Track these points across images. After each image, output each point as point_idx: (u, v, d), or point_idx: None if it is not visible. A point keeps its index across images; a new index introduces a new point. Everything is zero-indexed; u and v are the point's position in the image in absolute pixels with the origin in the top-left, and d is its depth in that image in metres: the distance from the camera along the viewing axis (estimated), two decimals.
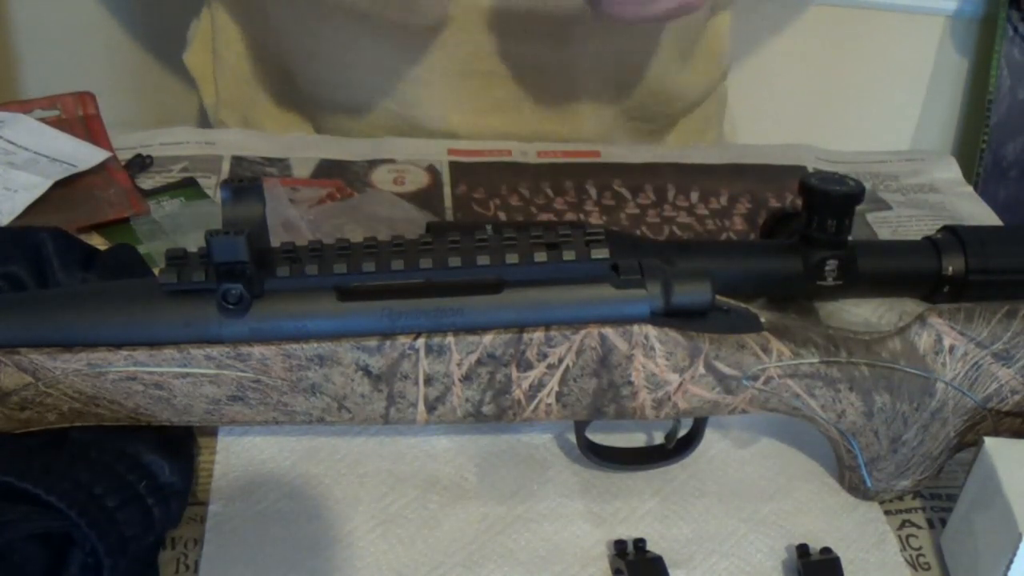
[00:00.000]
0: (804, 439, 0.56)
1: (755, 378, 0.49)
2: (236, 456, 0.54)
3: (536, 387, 0.48)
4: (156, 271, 0.49)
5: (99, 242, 0.66)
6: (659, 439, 0.55)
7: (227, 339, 0.46)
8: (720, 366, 0.49)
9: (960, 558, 0.50)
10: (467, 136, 0.84)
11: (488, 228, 0.51)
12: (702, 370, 0.49)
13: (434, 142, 0.82)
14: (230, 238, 0.44)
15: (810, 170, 0.80)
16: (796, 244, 0.63)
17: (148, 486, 0.47)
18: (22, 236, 0.56)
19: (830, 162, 0.83)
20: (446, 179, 0.78)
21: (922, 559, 0.52)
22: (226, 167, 0.76)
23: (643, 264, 0.48)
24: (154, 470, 0.48)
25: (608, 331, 0.48)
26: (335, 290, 0.47)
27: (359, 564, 0.49)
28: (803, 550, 0.50)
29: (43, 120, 0.75)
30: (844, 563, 0.50)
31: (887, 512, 0.54)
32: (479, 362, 0.47)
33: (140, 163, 0.75)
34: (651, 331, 0.48)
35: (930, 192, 0.81)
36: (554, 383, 0.48)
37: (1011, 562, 0.45)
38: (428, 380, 0.48)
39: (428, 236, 0.49)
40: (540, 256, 0.47)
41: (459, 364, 0.47)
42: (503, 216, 0.75)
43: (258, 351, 0.46)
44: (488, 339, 0.47)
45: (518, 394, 0.48)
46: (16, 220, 0.66)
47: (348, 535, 0.51)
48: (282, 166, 0.77)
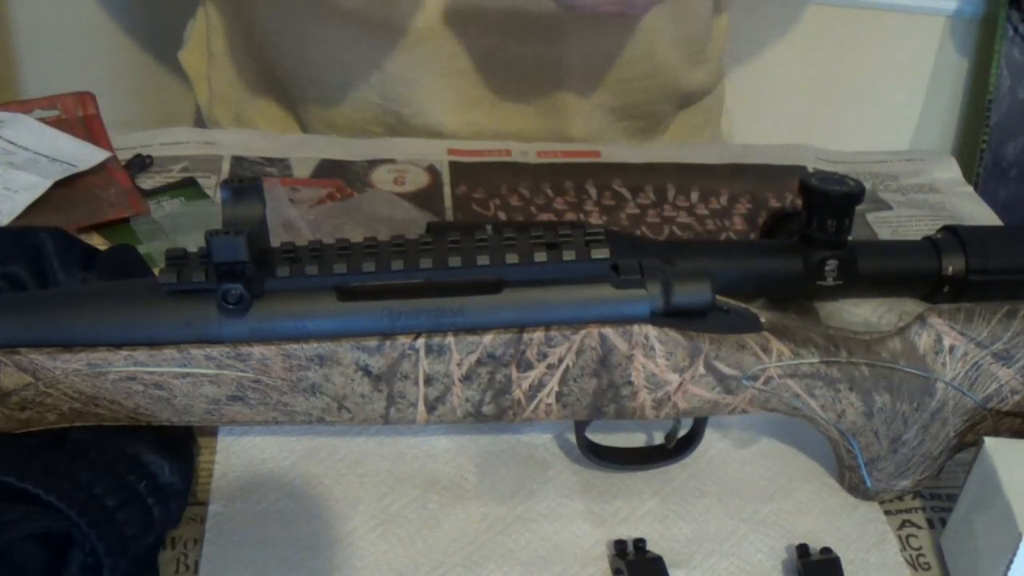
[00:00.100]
0: (804, 439, 0.56)
1: (755, 378, 0.49)
2: (236, 456, 0.54)
3: (536, 387, 0.48)
4: (156, 271, 0.49)
5: (99, 242, 0.66)
6: (659, 439, 0.55)
7: (227, 339, 0.46)
8: (720, 366, 0.49)
9: (960, 558, 0.50)
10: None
11: (488, 228, 0.51)
12: (702, 370, 0.49)
13: (434, 142, 0.82)
14: (230, 238, 0.44)
15: (810, 170, 0.80)
16: (796, 244, 0.63)
17: (148, 486, 0.47)
18: (22, 236, 0.56)
19: (830, 162, 0.83)
20: (446, 179, 0.78)
21: (922, 559, 0.52)
22: (226, 167, 0.76)
23: (643, 264, 0.48)
24: (154, 470, 0.48)
25: (608, 331, 0.48)
26: (335, 290, 0.47)
27: (359, 564, 0.49)
28: (803, 550, 0.50)
29: (43, 120, 0.75)
30: (844, 563, 0.50)
31: (887, 512, 0.54)
32: (479, 362, 0.47)
33: (140, 163, 0.75)
34: (651, 331, 0.48)
35: (930, 192, 0.81)
36: (554, 383, 0.48)
37: (1011, 562, 0.45)
38: (428, 380, 0.48)
39: (428, 236, 0.49)
40: (540, 256, 0.47)
41: (459, 364, 0.47)
42: (503, 216, 0.74)
43: (258, 351, 0.46)
44: (488, 339, 0.47)
45: (518, 394, 0.48)
46: (16, 220, 0.66)
47: (348, 535, 0.51)
48: (282, 166, 0.77)
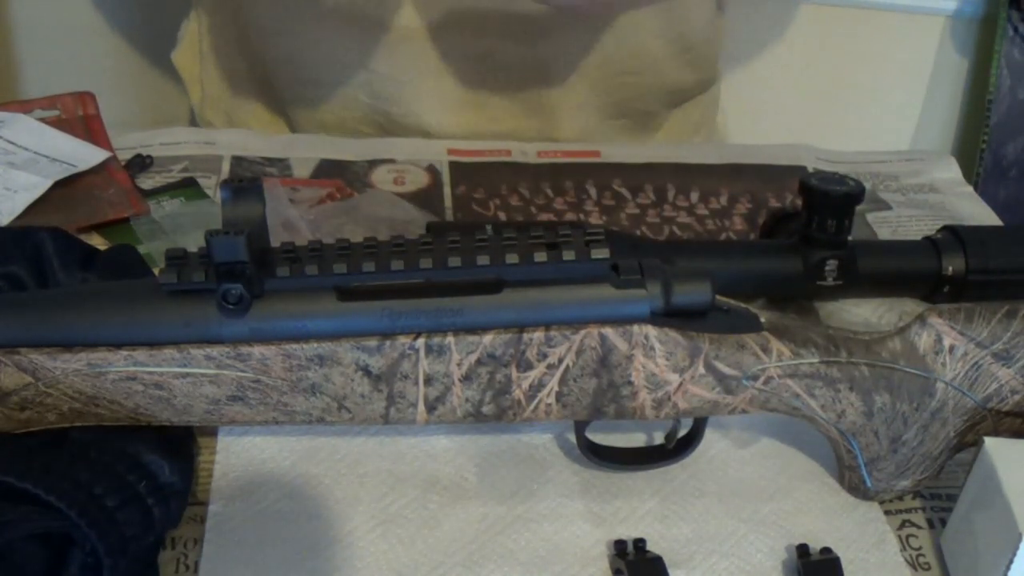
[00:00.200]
0: (804, 439, 0.56)
1: (755, 378, 0.49)
2: (236, 456, 0.54)
3: (536, 387, 0.48)
4: (156, 271, 0.49)
5: (99, 242, 0.66)
6: (659, 439, 0.55)
7: (227, 339, 0.46)
8: (720, 366, 0.49)
9: (960, 558, 0.50)
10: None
11: (488, 228, 0.51)
12: (702, 370, 0.49)
13: (434, 142, 0.82)
14: (230, 238, 0.44)
15: (810, 170, 0.80)
16: (796, 244, 0.63)
17: (148, 486, 0.47)
18: (22, 236, 0.56)
19: (830, 162, 0.83)
20: (446, 179, 0.78)
21: (922, 559, 0.52)
22: (226, 167, 0.76)
23: (643, 264, 0.48)
24: (154, 470, 0.48)
25: (608, 331, 0.48)
26: (335, 290, 0.47)
27: (359, 564, 0.49)
28: (803, 550, 0.50)
29: (43, 120, 0.75)
30: (844, 563, 0.50)
31: (887, 512, 0.54)
32: (479, 362, 0.47)
33: (140, 163, 0.75)
34: (651, 331, 0.48)
35: (930, 192, 0.81)
36: (554, 383, 0.48)
37: (1011, 562, 0.45)
38: (428, 380, 0.48)
39: (428, 236, 0.49)
40: (540, 256, 0.47)
41: (459, 364, 0.47)
42: (503, 216, 0.74)
43: (258, 351, 0.46)
44: (488, 339, 0.47)
45: (518, 394, 0.48)
46: (16, 220, 0.66)
47: (348, 535, 0.51)
48: (282, 166, 0.77)
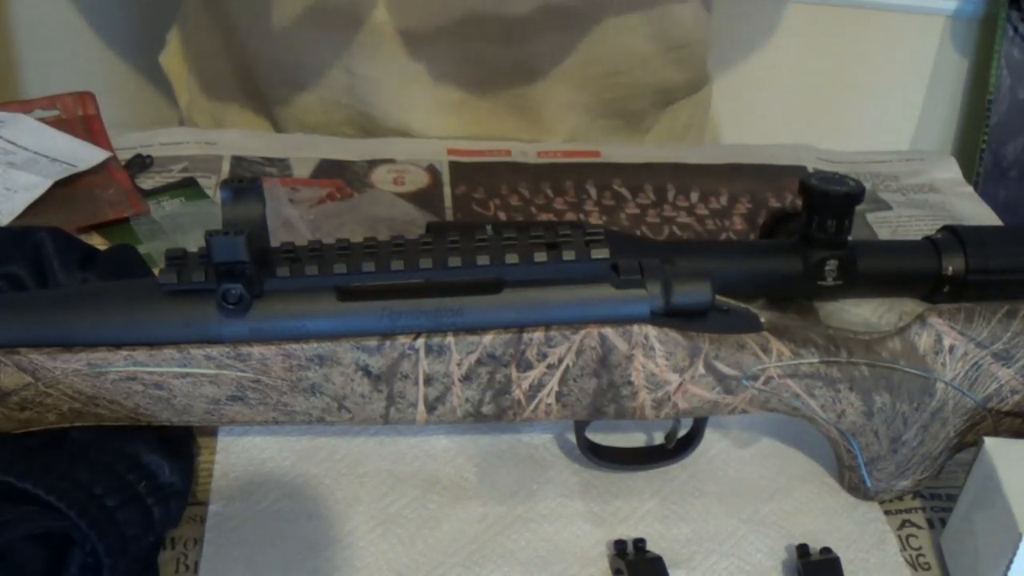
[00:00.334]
0: (804, 439, 0.56)
1: (755, 378, 0.49)
2: (236, 456, 0.54)
3: (536, 387, 0.48)
4: (156, 271, 0.49)
5: (99, 242, 0.66)
6: (659, 439, 0.55)
7: (227, 339, 0.46)
8: (720, 366, 0.49)
9: (960, 558, 0.50)
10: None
11: (488, 228, 0.51)
12: (702, 370, 0.49)
13: (434, 142, 0.82)
14: (230, 238, 0.44)
15: (810, 170, 0.80)
16: (796, 244, 0.63)
17: (148, 486, 0.47)
18: (22, 236, 0.56)
19: (830, 162, 0.83)
20: (446, 179, 0.78)
21: (922, 559, 0.52)
22: (226, 167, 0.76)
23: (643, 264, 0.48)
24: (154, 470, 0.48)
25: (608, 331, 0.48)
26: (335, 290, 0.47)
27: (359, 564, 0.49)
28: (803, 550, 0.50)
29: (43, 120, 0.75)
30: (844, 563, 0.50)
31: (887, 512, 0.54)
32: (479, 362, 0.47)
33: (140, 163, 0.75)
34: (651, 331, 0.48)
35: (930, 192, 0.81)
36: (554, 383, 0.48)
37: (1011, 562, 0.45)
38: (428, 380, 0.48)
39: (428, 236, 0.49)
40: (540, 256, 0.47)
41: (459, 364, 0.47)
42: (503, 216, 0.74)
43: (258, 351, 0.46)
44: (488, 339, 0.47)
45: (518, 394, 0.48)
46: (16, 220, 0.66)
47: (348, 535, 0.51)
48: (282, 166, 0.77)
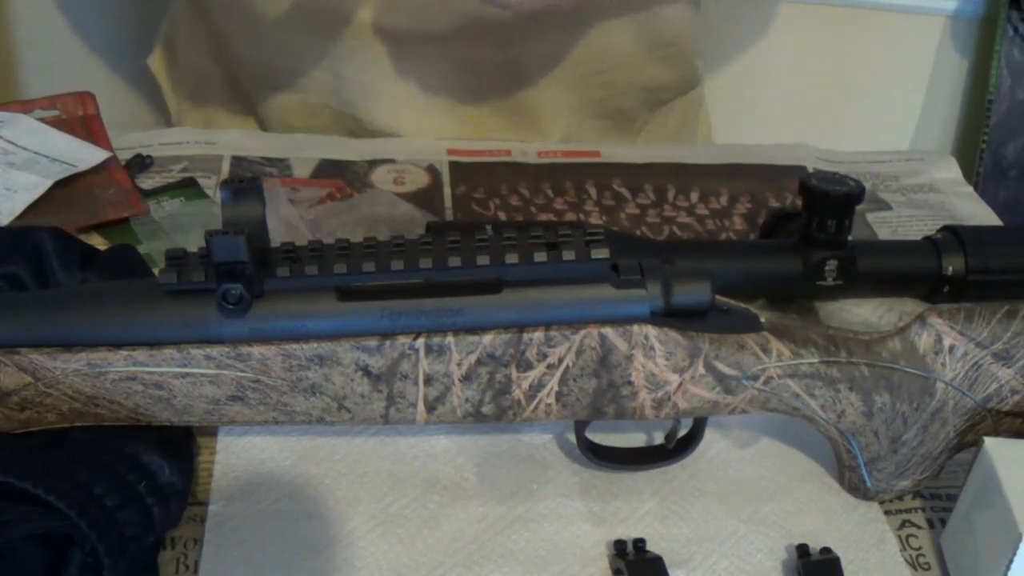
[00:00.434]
0: (804, 439, 0.56)
1: (755, 378, 0.49)
2: (236, 456, 0.54)
3: (536, 387, 0.48)
4: (156, 271, 0.49)
5: (99, 242, 0.66)
6: (659, 439, 0.55)
7: (227, 339, 0.46)
8: (720, 366, 0.49)
9: (960, 558, 0.50)
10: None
11: (488, 228, 0.51)
12: (702, 370, 0.49)
13: (434, 142, 0.82)
14: (230, 238, 0.44)
15: (810, 170, 0.80)
16: (796, 244, 0.63)
17: (148, 486, 0.47)
18: (22, 236, 0.56)
19: (830, 162, 0.83)
20: (446, 179, 0.78)
21: (922, 559, 0.52)
22: (226, 167, 0.76)
23: (643, 264, 0.48)
24: (154, 470, 0.48)
25: (608, 331, 0.48)
26: (335, 290, 0.47)
27: (359, 564, 0.49)
28: (803, 550, 0.50)
29: (43, 120, 0.75)
30: (844, 563, 0.50)
31: (887, 512, 0.54)
32: (479, 362, 0.47)
33: (140, 163, 0.75)
34: (651, 331, 0.48)
35: (930, 192, 0.81)
36: (554, 383, 0.48)
37: (1011, 562, 0.45)
38: (428, 380, 0.48)
39: (428, 236, 0.49)
40: (540, 256, 0.47)
41: (459, 364, 0.47)
42: (503, 216, 0.74)
43: (258, 351, 0.46)
44: (488, 339, 0.47)
45: (518, 394, 0.48)
46: (16, 220, 0.66)
47: (348, 535, 0.51)
48: (282, 166, 0.77)
